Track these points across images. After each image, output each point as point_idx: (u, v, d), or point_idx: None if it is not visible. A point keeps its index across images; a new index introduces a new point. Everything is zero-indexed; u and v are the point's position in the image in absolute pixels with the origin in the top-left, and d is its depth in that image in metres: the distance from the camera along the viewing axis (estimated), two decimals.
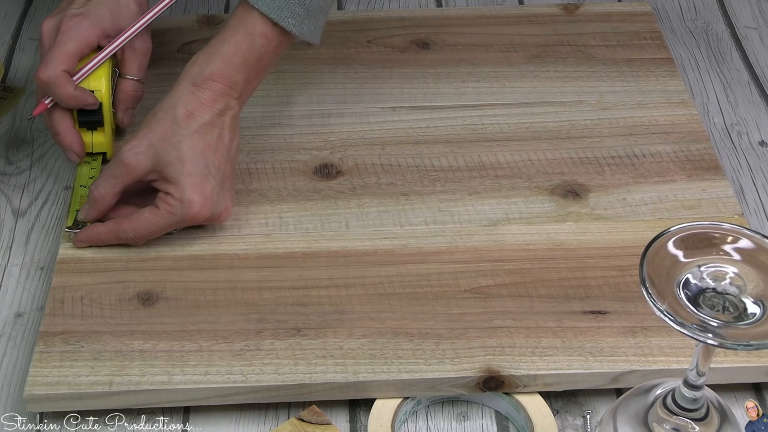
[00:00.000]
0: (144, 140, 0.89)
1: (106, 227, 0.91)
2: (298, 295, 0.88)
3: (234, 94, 0.90)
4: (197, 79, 0.89)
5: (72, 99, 0.93)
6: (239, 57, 0.89)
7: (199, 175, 0.88)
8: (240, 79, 0.90)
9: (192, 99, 0.89)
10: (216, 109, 0.89)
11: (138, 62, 0.98)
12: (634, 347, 0.84)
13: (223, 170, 0.90)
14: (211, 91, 0.89)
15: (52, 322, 0.86)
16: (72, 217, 0.93)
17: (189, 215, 0.88)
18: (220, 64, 0.89)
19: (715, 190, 0.97)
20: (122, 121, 0.99)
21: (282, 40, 0.91)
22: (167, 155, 0.88)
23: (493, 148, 1.01)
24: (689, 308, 0.67)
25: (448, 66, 1.10)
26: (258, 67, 0.91)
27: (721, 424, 0.73)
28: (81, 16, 0.94)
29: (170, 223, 0.89)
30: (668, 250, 0.69)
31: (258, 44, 0.90)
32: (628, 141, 1.02)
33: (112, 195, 0.90)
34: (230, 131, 0.90)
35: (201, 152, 0.88)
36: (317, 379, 0.82)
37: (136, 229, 0.89)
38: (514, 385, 0.83)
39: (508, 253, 0.92)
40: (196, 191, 0.88)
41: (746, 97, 1.12)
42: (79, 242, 0.91)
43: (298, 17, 0.89)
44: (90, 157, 0.97)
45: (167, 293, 0.88)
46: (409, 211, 0.95)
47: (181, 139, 0.88)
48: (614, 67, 1.10)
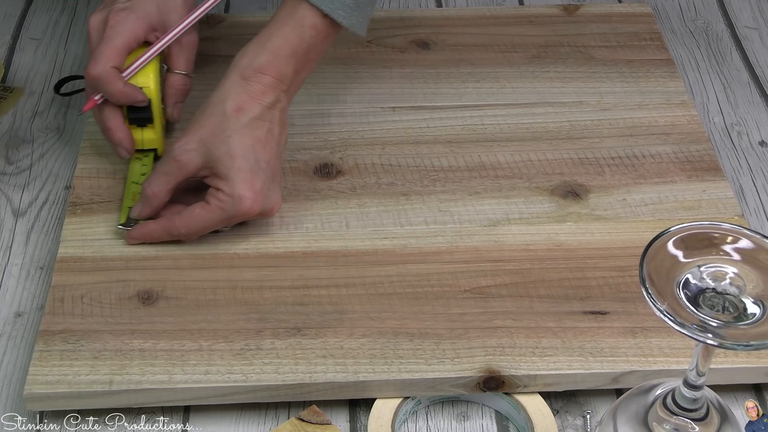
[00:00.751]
0: (194, 137, 0.89)
1: (158, 224, 0.90)
2: (298, 294, 0.88)
3: (283, 87, 0.89)
4: (246, 72, 0.89)
5: (122, 95, 0.93)
6: (289, 49, 0.89)
7: (250, 171, 0.88)
8: (289, 71, 0.89)
9: (241, 93, 0.88)
10: (265, 102, 0.89)
11: (186, 56, 0.98)
12: (634, 347, 0.84)
13: (273, 165, 0.89)
14: (261, 84, 0.88)
15: (52, 321, 0.86)
16: (124, 213, 0.93)
17: (240, 211, 0.88)
18: (270, 56, 0.89)
19: (715, 191, 0.97)
20: (172, 116, 0.99)
21: (330, 32, 0.90)
22: (217, 151, 0.88)
23: (493, 149, 1.01)
24: (689, 308, 0.67)
25: (448, 66, 1.10)
26: (306, 59, 0.90)
27: (721, 424, 0.74)
28: (128, 10, 0.94)
29: (221, 218, 0.89)
30: (668, 250, 0.69)
31: (307, 36, 0.89)
32: (628, 142, 1.02)
33: (165, 192, 0.90)
34: (279, 125, 0.90)
35: (251, 147, 0.88)
36: (317, 379, 0.82)
37: (187, 225, 0.89)
38: (514, 385, 0.83)
39: (508, 254, 0.92)
40: (247, 187, 0.88)
41: (746, 97, 1.12)
42: (131, 239, 0.91)
43: (347, 8, 0.89)
44: (141, 153, 0.97)
45: (167, 292, 0.88)
46: (409, 211, 0.95)
47: (231, 134, 0.88)
48: (614, 67, 1.10)
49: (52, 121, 1.08)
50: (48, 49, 1.16)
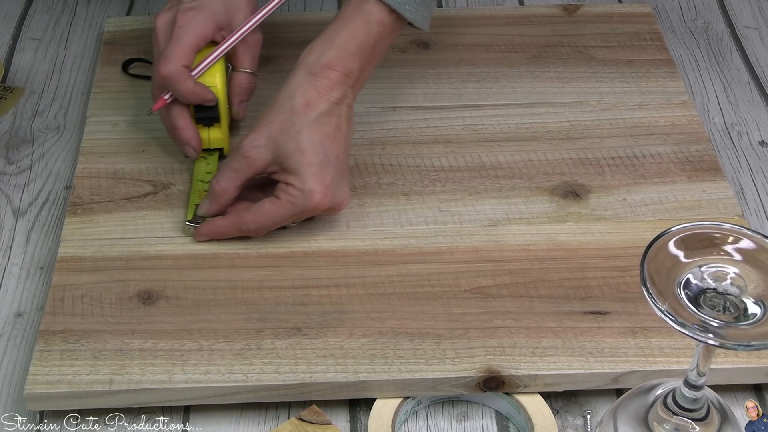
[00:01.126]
0: (263, 132, 0.89)
1: (226, 220, 0.91)
2: (298, 294, 0.88)
3: (350, 83, 0.90)
4: (314, 68, 0.89)
5: (192, 94, 0.93)
6: (356, 45, 0.89)
7: (319, 165, 0.88)
8: (356, 67, 0.90)
9: (309, 88, 0.89)
10: (333, 98, 0.89)
11: (251, 55, 0.98)
12: (635, 348, 0.84)
13: (341, 160, 0.90)
14: (328, 80, 0.89)
15: (52, 321, 0.86)
16: (191, 210, 0.93)
17: (310, 205, 0.88)
18: (337, 52, 0.89)
19: (715, 191, 0.97)
20: (238, 115, 0.99)
21: (396, 28, 0.91)
22: (287, 146, 0.88)
23: (493, 149, 1.01)
24: (690, 308, 0.67)
25: (448, 66, 1.10)
26: (372, 55, 0.91)
27: (721, 425, 0.73)
28: (195, 9, 0.94)
29: (292, 213, 0.89)
30: (669, 250, 0.69)
31: (374, 32, 0.90)
32: (629, 142, 1.02)
33: (234, 189, 0.90)
34: (347, 120, 0.90)
35: (320, 142, 0.88)
36: (317, 379, 0.82)
37: (257, 221, 0.89)
38: (515, 385, 0.83)
39: (509, 254, 0.92)
40: (317, 181, 0.88)
41: (746, 97, 1.12)
42: (200, 236, 0.91)
43: (414, 4, 0.90)
44: (207, 152, 0.98)
45: (167, 292, 0.88)
46: (410, 211, 0.95)
47: (300, 129, 0.88)
48: (614, 67, 1.10)
49: (52, 121, 1.08)
50: (48, 49, 1.16)
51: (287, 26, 1.14)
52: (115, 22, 1.15)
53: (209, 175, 0.96)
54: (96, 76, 1.09)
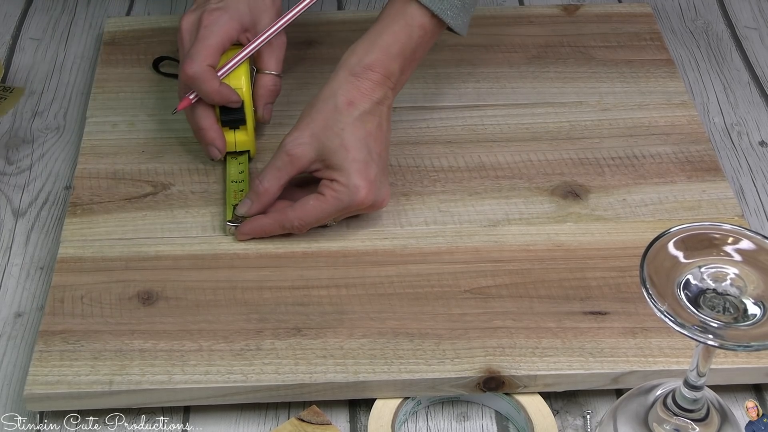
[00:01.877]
0: (306, 130, 0.89)
1: (269, 218, 0.91)
2: (298, 294, 0.88)
3: (390, 84, 0.91)
4: (356, 68, 0.90)
5: (217, 94, 0.93)
6: (398, 47, 0.90)
7: (363, 162, 0.88)
8: (396, 69, 0.91)
9: (351, 88, 0.89)
10: (375, 98, 0.90)
11: (276, 57, 0.99)
12: (635, 348, 0.84)
13: (383, 157, 0.90)
14: (370, 81, 0.90)
15: (52, 322, 0.86)
16: (230, 210, 0.93)
17: (356, 201, 0.89)
18: (379, 54, 0.90)
19: (715, 191, 0.97)
20: (263, 117, 0.99)
21: (436, 32, 0.92)
22: (331, 143, 0.88)
23: (493, 149, 1.01)
24: (689, 309, 0.67)
25: (448, 66, 1.10)
26: (413, 58, 0.92)
27: (721, 425, 0.73)
28: (221, 10, 0.95)
29: (336, 209, 0.89)
30: (668, 251, 0.69)
31: (416, 35, 0.91)
32: (628, 142, 1.02)
33: (277, 188, 0.91)
34: (387, 120, 0.91)
35: (363, 139, 0.89)
36: (317, 379, 0.82)
37: (301, 218, 0.90)
38: (515, 386, 0.83)
39: (509, 254, 0.92)
40: (362, 177, 0.88)
41: (746, 97, 1.12)
42: (243, 235, 0.92)
43: (455, 9, 0.91)
44: (236, 155, 0.98)
45: (167, 293, 0.88)
46: (410, 211, 0.95)
47: (344, 126, 0.89)
48: (614, 68, 1.10)
49: (52, 121, 1.08)
50: (48, 49, 1.16)
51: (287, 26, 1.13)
52: (115, 22, 1.15)
53: (242, 174, 0.96)
54: (96, 77, 1.09)
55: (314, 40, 1.13)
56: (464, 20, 0.93)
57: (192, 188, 0.97)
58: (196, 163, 1.00)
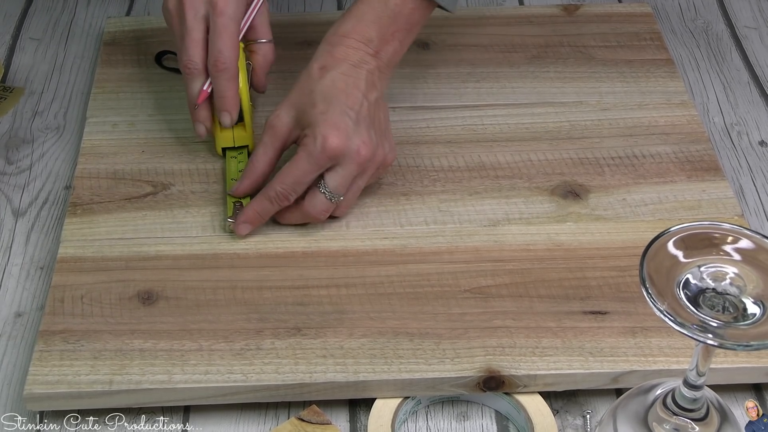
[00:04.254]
0: (285, 102, 0.92)
1: (257, 197, 0.92)
2: (298, 294, 0.88)
3: (369, 50, 0.92)
4: (332, 38, 0.92)
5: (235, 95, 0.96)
6: (372, 14, 0.92)
7: (331, 113, 0.89)
8: (373, 35, 0.92)
9: (325, 54, 0.92)
10: (350, 61, 0.91)
11: (266, 23, 1.00)
12: (634, 347, 0.84)
13: (358, 111, 0.90)
14: (344, 46, 0.91)
15: (52, 321, 0.86)
16: (230, 207, 0.93)
17: (326, 148, 0.88)
18: (353, 21, 0.92)
19: (714, 191, 0.97)
20: (265, 86, 1.01)
21: (418, 4, 0.93)
22: (303, 106, 0.90)
23: (493, 149, 1.01)
24: (689, 308, 0.67)
25: (448, 66, 1.10)
26: (394, 27, 0.92)
27: (721, 424, 0.74)
28: None
29: (310, 163, 0.89)
30: (668, 250, 0.69)
31: (392, 4, 0.92)
32: (628, 142, 1.02)
33: (265, 162, 0.92)
34: (367, 82, 0.91)
35: (333, 95, 0.90)
36: (317, 379, 0.82)
37: (282, 181, 0.90)
38: (515, 385, 0.83)
39: (509, 254, 0.92)
40: (329, 125, 0.89)
41: (746, 97, 1.12)
42: (240, 226, 0.92)
43: None
44: (235, 151, 0.99)
45: (167, 292, 0.88)
46: (410, 211, 0.95)
47: (314, 88, 0.90)
48: (614, 67, 1.10)
49: (52, 121, 1.08)
50: (48, 49, 1.17)
51: (287, 26, 1.14)
52: (115, 22, 1.15)
53: (241, 173, 0.96)
54: (96, 77, 1.09)
55: (314, 40, 1.12)
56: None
57: (192, 188, 0.97)
58: (196, 163, 1.00)
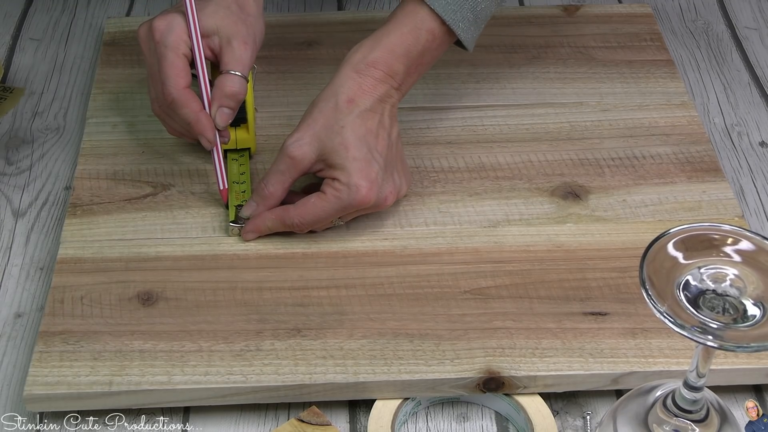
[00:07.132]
0: (307, 131, 0.89)
1: (272, 214, 0.91)
2: (298, 295, 0.88)
3: (394, 84, 0.91)
4: (359, 66, 0.90)
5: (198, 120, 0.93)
6: (403, 48, 0.90)
7: (364, 160, 0.88)
8: (401, 69, 0.91)
9: (353, 85, 0.90)
10: (376, 95, 0.90)
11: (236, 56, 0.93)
12: (634, 348, 0.84)
13: (386, 155, 0.90)
14: (372, 78, 0.90)
15: (52, 322, 0.86)
16: (233, 212, 0.93)
17: (356, 199, 0.88)
18: (384, 52, 0.90)
19: (715, 191, 0.97)
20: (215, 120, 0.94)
21: (444, 41, 0.92)
22: (331, 142, 0.88)
23: (493, 149, 1.01)
24: (689, 310, 0.67)
25: (448, 66, 1.10)
26: (419, 62, 0.92)
27: (721, 426, 0.74)
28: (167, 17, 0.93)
29: (336, 208, 0.89)
30: (668, 251, 0.69)
31: (423, 39, 0.91)
32: (629, 143, 1.02)
33: (282, 191, 0.91)
34: (390, 118, 0.91)
35: (363, 137, 0.89)
36: (317, 380, 0.82)
37: (302, 215, 0.90)
38: (515, 386, 0.83)
39: (508, 255, 0.92)
40: (362, 175, 0.88)
41: (746, 97, 1.12)
42: (248, 233, 0.92)
43: (467, 22, 0.91)
44: (236, 153, 0.98)
45: (167, 293, 0.88)
46: (409, 211, 0.95)
47: (344, 124, 0.89)
48: (614, 68, 1.10)
49: (52, 121, 1.08)
50: (48, 49, 1.17)
51: (287, 26, 1.14)
52: (115, 22, 1.15)
53: (243, 175, 0.96)
54: (96, 77, 1.09)
55: (314, 41, 1.13)
56: (474, 35, 0.93)
57: (192, 189, 0.97)
58: (196, 164, 1.00)
